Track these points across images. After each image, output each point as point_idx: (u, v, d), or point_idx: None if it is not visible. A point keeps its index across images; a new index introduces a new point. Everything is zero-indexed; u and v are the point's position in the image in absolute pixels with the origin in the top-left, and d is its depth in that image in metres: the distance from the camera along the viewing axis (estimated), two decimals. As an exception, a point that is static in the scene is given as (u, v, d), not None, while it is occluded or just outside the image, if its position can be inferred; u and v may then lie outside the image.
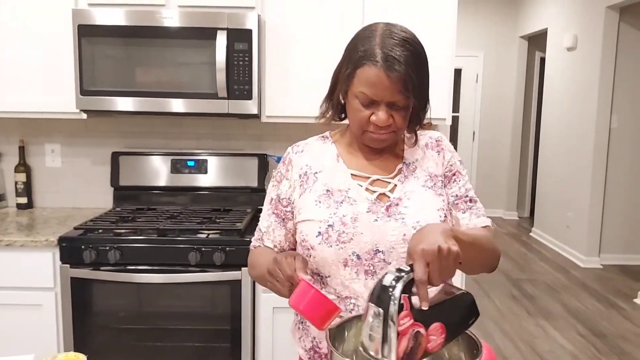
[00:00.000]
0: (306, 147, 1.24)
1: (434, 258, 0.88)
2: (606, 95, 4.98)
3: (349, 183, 1.16)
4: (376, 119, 1.09)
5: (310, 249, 1.12)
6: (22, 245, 2.12)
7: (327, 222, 1.11)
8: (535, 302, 4.20)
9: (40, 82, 2.34)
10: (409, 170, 1.19)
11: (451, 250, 0.89)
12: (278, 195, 1.22)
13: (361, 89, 1.07)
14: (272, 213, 1.23)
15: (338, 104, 1.19)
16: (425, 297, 0.86)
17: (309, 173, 1.19)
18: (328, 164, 1.20)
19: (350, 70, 1.09)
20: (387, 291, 0.84)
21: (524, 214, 7.37)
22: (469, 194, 1.22)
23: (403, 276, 0.85)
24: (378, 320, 0.83)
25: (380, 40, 1.06)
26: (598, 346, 3.42)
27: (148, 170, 2.60)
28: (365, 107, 1.09)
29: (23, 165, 2.66)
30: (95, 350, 2.13)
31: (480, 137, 7.27)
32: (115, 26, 2.21)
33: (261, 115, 2.38)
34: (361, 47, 1.08)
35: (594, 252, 5.17)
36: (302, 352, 1.22)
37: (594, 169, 5.07)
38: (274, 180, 1.25)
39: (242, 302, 2.14)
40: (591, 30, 5.11)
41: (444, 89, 2.37)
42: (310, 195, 1.16)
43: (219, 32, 2.20)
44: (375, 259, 1.11)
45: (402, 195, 1.15)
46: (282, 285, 1.01)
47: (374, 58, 1.05)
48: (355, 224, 1.11)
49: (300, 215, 1.17)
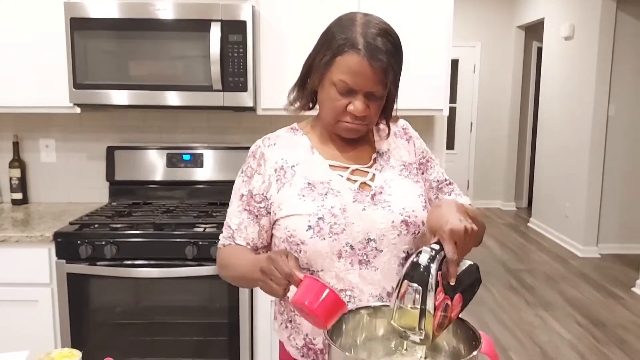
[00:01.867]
0: (277, 139, 1.21)
1: (462, 238, 0.92)
2: (603, 85, 4.97)
3: (329, 174, 1.15)
4: (354, 109, 1.08)
5: (301, 243, 1.09)
6: (17, 240, 2.10)
7: (317, 214, 1.09)
8: (533, 292, 4.20)
9: (33, 76, 2.31)
10: (384, 160, 1.20)
11: (474, 230, 0.95)
12: (250, 191, 1.17)
13: (341, 77, 1.06)
14: (244, 210, 1.18)
15: (311, 93, 1.16)
16: (455, 273, 0.92)
17: (286, 167, 1.16)
18: (303, 157, 1.17)
19: (328, 58, 1.07)
20: (425, 270, 0.89)
21: (522, 205, 7.37)
22: (445, 176, 1.28)
23: (436, 255, 0.91)
24: (415, 296, 0.89)
25: (362, 30, 1.05)
26: (597, 335, 3.43)
27: (143, 164, 2.58)
28: (342, 95, 1.08)
29: (17, 160, 2.64)
30: (93, 346, 2.12)
31: (478, 128, 7.26)
32: (108, 19, 2.19)
33: (257, 108, 2.37)
34: (341, 34, 1.06)
35: (592, 242, 5.18)
36: (293, 351, 1.19)
37: (591, 158, 5.06)
38: (243, 175, 1.20)
39: (240, 296, 2.13)
40: (588, 20, 5.08)
41: (440, 80, 2.35)
42: (291, 189, 1.13)
43: (213, 23, 2.17)
44: (367, 248, 1.10)
45: (383, 184, 1.16)
46: (279, 284, 0.96)
47: (357, 46, 1.04)
48: (345, 215, 1.10)
49: (281, 210, 1.13)
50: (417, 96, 2.27)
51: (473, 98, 7.22)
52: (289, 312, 1.19)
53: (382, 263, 1.11)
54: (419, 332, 0.88)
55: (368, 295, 1.10)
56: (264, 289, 1.00)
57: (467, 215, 0.97)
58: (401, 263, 1.12)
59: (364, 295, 1.10)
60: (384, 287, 1.11)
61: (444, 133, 2.74)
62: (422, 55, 2.31)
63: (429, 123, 2.68)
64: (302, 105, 1.18)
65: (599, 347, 3.26)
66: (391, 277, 1.12)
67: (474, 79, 7.17)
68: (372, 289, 1.11)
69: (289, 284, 0.96)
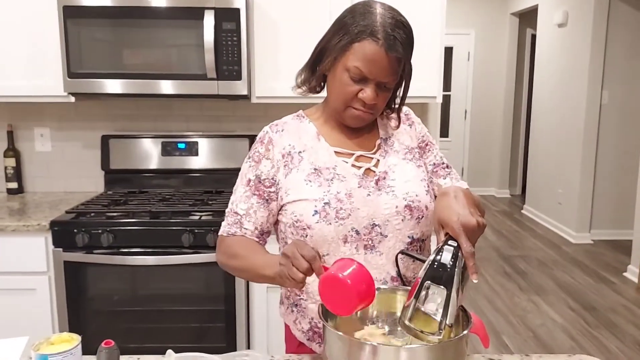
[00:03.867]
0: (285, 126, 1.22)
1: (474, 232, 0.93)
2: (597, 72, 4.99)
3: (334, 160, 1.16)
4: (365, 96, 1.09)
5: (307, 228, 1.11)
6: (14, 230, 2.11)
7: (323, 200, 1.11)
8: (527, 278, 4.25)
9: (26, 65, 2.31)
10: (388, 145, 1.21)
11: (484, 223, 0.95)
12: (258, 175, 1.18)
13: (356, 64, 1.07)
14: (253, 194, 1.17)
15: (321, 76, 1.17)
16: (475, 269, 0.91)
17: (293, 153, 1.17)
18: (309, 143, 1.19)
19: (345, 42, 1.07)
20: (448, 269, 0.89)
21: (515, 192, 7.42)
22: (443, 160, 1.30)
23: (457, 254, 0.91)
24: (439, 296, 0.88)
25: (381, 19, 1.06)
26: (588, 319, 3.48)
27: (139, 153, 2.59)
28: (354, 82, 1.09)
29: (12, 150, 2.64)
30: (91, 333, 2.14)
31: (472, 116, 7.28)
32: (101, 7, 2.18)
33: (251, 96, 2.37)
34: (361, 21, 1.06)
35: (585, 228, 5.23)
36: (299, 334, 1.22)
37: (584, 145, 5.09)
38: (250, 160, 1.20)
39: (236, 283, 2.15)
40: (582, 7, 5.09)
41: (434, 68, 2.37)
42: (298, 174, 1.15)
43: (207, 11, 2.17)
44: (372, 233, 1.12)
45: (386, 169, 1.17)
46: (300, 267, 0.93)
47: (376, 35, 1.04)
48: (350, 200, 1.11)
49: (289, 195, 1.15)
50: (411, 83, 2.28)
51: (467, 85, 7.23)
52: (295, 297, 1.21)
53: (387, 248, 1.13)
54: (438, 332, 0.87)
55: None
56: (284, 274, 0.96)
57: (475, 206, 0.98)
58: (406, 248, 1.14)
59: None
60: (388, 271, 1.14)
61: (438, 120, 2.75)
62: (416, 43, 2.31)
63: (423, 110, 2.70)
64: (310, 87, 1.19)
65: (590, 331, 3.32)
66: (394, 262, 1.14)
67: (468, 66, 7.17)
68: (376, 273, 1.12)
69: (310, 270, 0.93)
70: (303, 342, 1.22)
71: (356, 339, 0.92)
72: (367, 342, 0.87)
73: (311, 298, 1.18)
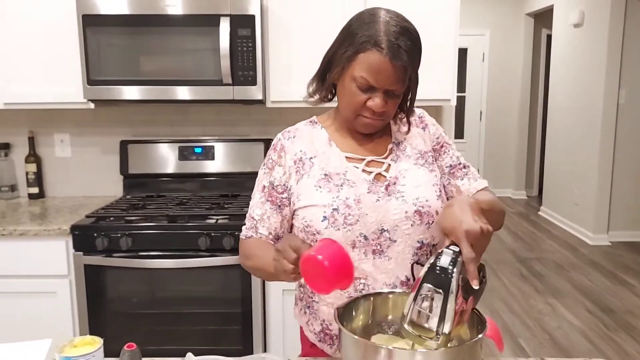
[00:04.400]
0: (297, 132, 1.24)
1: (477, 239, 0.92)
2: (614, 71, 4.93)
3: (345, 166, 1.18)
4: (373, 105, 1.10)
5: (317, 233, 1.13)
6: (35, 234, 2.16)
7: (332, 205, 1.12)
8: (543, 281, 4.22)
9: (47, 73, 2.36)
10: (400, 150, 1.22)
11: (489, 230, 0.94)
12: (271, 182, 1.21)
13: (362, 74, 1.08)
14: (267, 200, 1.22)
15: (330, 85, 1.18)
16: (475, 275, 0.90)
17: (304, 159, 1.19)
18: (321, 149, 1.20)
19: (350, 53, 1.09)
20: (447, 273, 0.88)
21: (532, 193, 7.36)
22: (460, 160, 1.28)
23: (457, 259, 0.90)
24: (435, 301, 0.87)
25: (385, 28, 1.07)
26: (606, 322, 3.45)
27: (156, 157, 2.63)
28: (362, 91, 1.10)
29: (33, 155, 2.70)
30: (110, 335, 2.18)
31: (487, 117, 7.24)
32: (119, 15, 2.22)
33: (266, 101, 2.40)
34: (364, 31, 1.08)
35: (603, 230, 5.17)
36: (311, 336, 1.25)
37: (601, 145, 5.04)
38: (264, 167, 1.24)
39: (252, 286, 2.18)
40: (598, 6, 5.04)
41: (448, 69, 2.37)
42: (309, 180, 1.17)
43: (222, 18, 2.20)
44: (381, 238, 1.13)
45: (397, 174, 1.18)
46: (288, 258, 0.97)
47: (380, 45, 1.05)
48: (359, 206, 1.13)
49: (300, 201, 1.17)
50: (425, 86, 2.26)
51: (482, 86, 7.19)
52: (308, 299, 1.23)
53: (396, 253, 1.14)
54: (436, 337, 0.87)
55: (382, 284, 1.14)
56: (277, 268, 1.01)
57: (480, 213, 0.97)
58: (415, 252, 1.15)
59: (378, 283, 1.14)
60: (397, 276, 1.15)
61: (452, 123, 2.75)
62: (429, 46, 2.29)
63: (437, 113, 2.70)
64: (321, 97, 1.21)
65: (608, 333, 3.28)
66: (404, 266, 1.15)
67: (483, 67, 7.14)
68: (385, 277, 1.14)
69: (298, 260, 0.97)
70: (315, 343, 1.24)
71: (372, 343, 0.94)
72: (382, 346, 0.88)
73: (323, 300, 1.20)
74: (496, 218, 1.16)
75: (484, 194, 1.21)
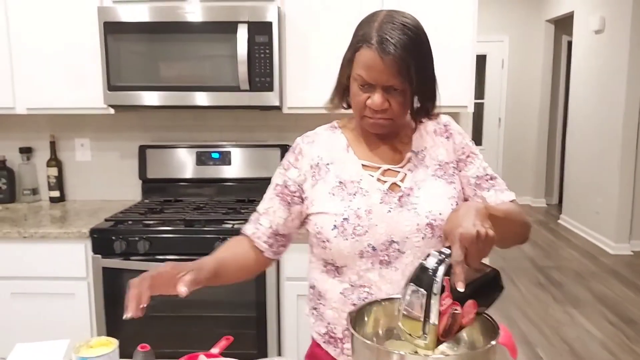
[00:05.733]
0: (316, 137, 1.24)
1: (472, 242, 0.89)
2: (636, 78, 4.86)
3: (361, 174, 1.17)
4: (371, 103, 1.09)
5: (326, 241, 1.14)
6: (55, 237, 2.20)
7: (342, 215, 1.12)
8: (562, 289, 4.16)
9: (68, 79, 2.41)
10: (418, 159, 1.19)
11: (488, 234, 0.91)
12: (285, 181, 1.22)
13: (358, 72, 1.08)
14: (276, 196, 1.22)
15: (343, 91, 1.18)
16: (461, 278, 0.88)
17: (321, 164, 1.19)
18: (338, 155, 1.20)
19: (350, 55, 1.11)
20: (430, 273, 0.87)
21: (552, 201, 7.26)
22: (487, 171, 1.23)
23: (445, 259, 0.89)
24: (420, 300, 0.87)
25: (379, 25, 1.06)
26: (628, 333, 3.38)
27: (174, 162, 2.66)
28: (362, 90, 1.10)
29: (54, 159, 2.75)
30: (127, 337, 2.20)
31: (507, 124, 7.18)
32: (139, 22, 2.26)
33: (283, 107, 2.41)
34: (360, 31, 1.09)
35: (624, 239, 5.08)
36: (317, 337, 1.25)
37: (623, 153, 4.97)
38: (281, 168, 1.25)
39: (267, 290, 2.19)
40: (619, 12, 4.98)
41: (465, 76, 2.36)
42: (324, 186, 1.17)
43: (240, 25, 2.23)
44: (390, 249, 1.12)
45: (412, 185, 1.16)
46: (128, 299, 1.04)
47: (369, 40, 1.06)
48: (369, 217, 1.12)
49: (313, 206, 1.17)
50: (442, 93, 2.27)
51: (501, 93, 7.14)
52: (316, 301, 1.24)
53: (404, 264, 1.12)
54: (423, 337, 0.87)
55: (385, 294, 1.12)
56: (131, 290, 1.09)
57: (487, 219, 0.94)
58: None
59: (382, 293, 1.13)
60: (402, 287, 1.14)
61: (470, 130, 2.74)
62: (447, 52, 2.32)
63: (455, 120, 2.68)
64: (337, 102, 1.21)
65: (630, 346, 3.22)
66: None
67: (502, 74, 7.09)
68: (390, 287, 1.12)
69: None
70: (320, 344, 1.25)
71: (383, 347, 0.94)
72: (394, 351, 0.88)
73: (329, 304, 1.20)
74: (513, 228, 1.13)
75: (505, 204, 1.18)
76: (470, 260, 0.90)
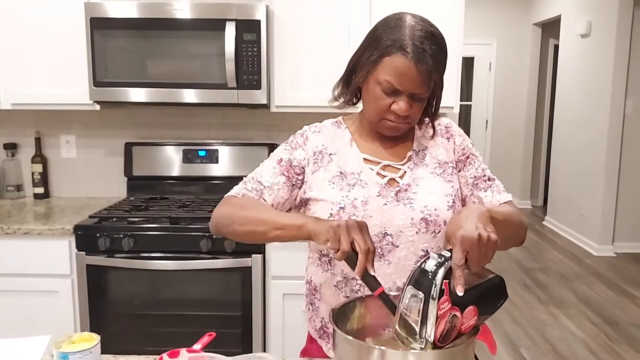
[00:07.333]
0: (322, 128, 1.26)
1: (474, 246, 0.89)
2: (620, 82, 4.93)
3: (362, 166, 1.19)
4: (397, 108, 1.11)
5: None
6: (39, 233, 2.18)
7: (339, 204, 1.14)
8: (547, 291, 4.20)
9: (54, 74, 2.38)
10: (419, 158, 1.22)
11: (490, 238, 0.90)
12: (290, 160, 1.21)
13: (387, 77, 1.09)
14: (282, 174, 1.20)
15: (355, 89, 1.20)
16: (460, 281, 0.87)
17: (324, 153, 1.21)
18: (342, 148, 1.22)
19: (375, 57, 1.10)
20: (429, 276, 0.86)
21: (537, 203, 7.33)
22: (486, 173, 1.27)
23: (444, 262, 0.87)
24: (417, 304, 0.86)
25: (410, 32, 1.08)
26: (609, 333, 3.42)
27: (160, 160, 2.65)
28: (387, 95, 1.11)
29: (39, 156, 2.73)
30: (111, 335, 2.19)
31: (494, 126, 7.23)
32: (127, 19, 2.25)
33: (270, 105, 2.41)
34: (390, 35, 1.09)
35: (608, 241, 5.14)
36: (312, 332, 1.27)
37: (607, 156, 5.03)
38: (287, 145, 1.24)
39: (253, 289, 2.18)
40: (605, 17, 5.04)
41: (451, 77, 2.37)
42: (325, 174, 1.19)
43: (228, 23, 2.22)
44: (383, 242, 1.14)
45: (410, 182, 1.18)
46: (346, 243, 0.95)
47: (404, 48, 1.06)
48: (365, 207, 1.14)
49: (311, 192, 1.19)
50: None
51: (488, 96, 7.19)
52: (311, 296, 1.26)
53: (397, 258, 1.14)
54: (420, 341, 0.86)
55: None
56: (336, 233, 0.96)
57: (489, 222, 0.94)
58: (418, 260, 1.15)
59: None
60: (394, 281, 1.15)
61: (456, 130, 2.76)
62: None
63: (441, 120, 2.70)
64: (346, 100, 1.22)
65: (611, 345, 3.26)
66: (404, 273, 1.14)
67: (489, 76, 7.14)
68: (381, 281, 1.13)
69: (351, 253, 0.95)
70: (316, 339, 1.27)
71: (365, 343, 0.94)
72: (375, 347, 0.88)
73: (323, 298, 1.22)
74: (513, 231, 1.16)
75: (504, 206, 1.21)
76: (471, 264, 0.90)
